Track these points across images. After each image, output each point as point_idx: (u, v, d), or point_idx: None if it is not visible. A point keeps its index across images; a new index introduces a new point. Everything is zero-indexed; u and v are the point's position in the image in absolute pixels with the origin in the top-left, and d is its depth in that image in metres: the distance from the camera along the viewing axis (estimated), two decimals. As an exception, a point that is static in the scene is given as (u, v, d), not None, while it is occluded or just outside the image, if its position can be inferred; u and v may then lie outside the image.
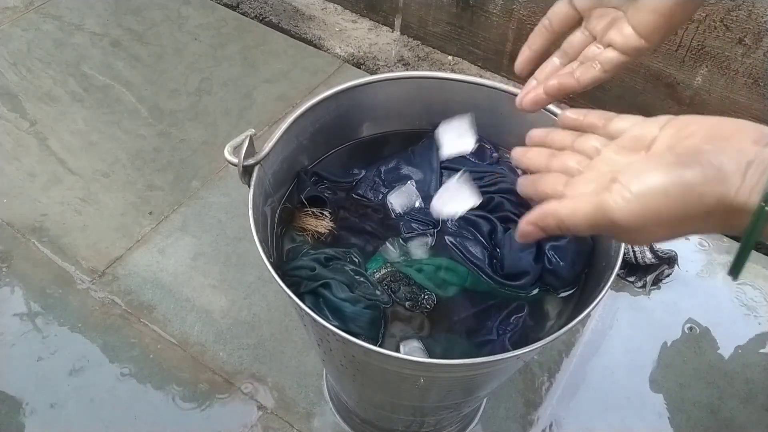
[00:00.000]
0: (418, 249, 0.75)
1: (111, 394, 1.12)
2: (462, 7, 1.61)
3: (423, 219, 0.76)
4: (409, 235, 0.76)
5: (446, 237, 0.75)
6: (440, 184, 0.79)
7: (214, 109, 1.60)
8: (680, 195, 0.35)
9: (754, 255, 1.37)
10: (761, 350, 1.24)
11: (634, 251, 1.29)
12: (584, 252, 0.73)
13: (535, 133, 0.51)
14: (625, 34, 0.49)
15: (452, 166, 0.81)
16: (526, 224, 0.43)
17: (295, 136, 0.75)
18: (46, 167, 1.46)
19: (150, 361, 1.16)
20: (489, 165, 0.81)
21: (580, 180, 0.43)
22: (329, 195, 0.78)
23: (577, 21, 0.53)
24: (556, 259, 0.71)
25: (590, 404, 1.15)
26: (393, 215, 0.77)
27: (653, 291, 1.30)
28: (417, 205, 0.77)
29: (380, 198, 0.78)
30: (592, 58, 0.52)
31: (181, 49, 1.74)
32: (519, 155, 0.51)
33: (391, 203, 0.77)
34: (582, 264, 0.72)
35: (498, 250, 0.73)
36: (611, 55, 0.50)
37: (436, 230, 0.76)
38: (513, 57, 1.62)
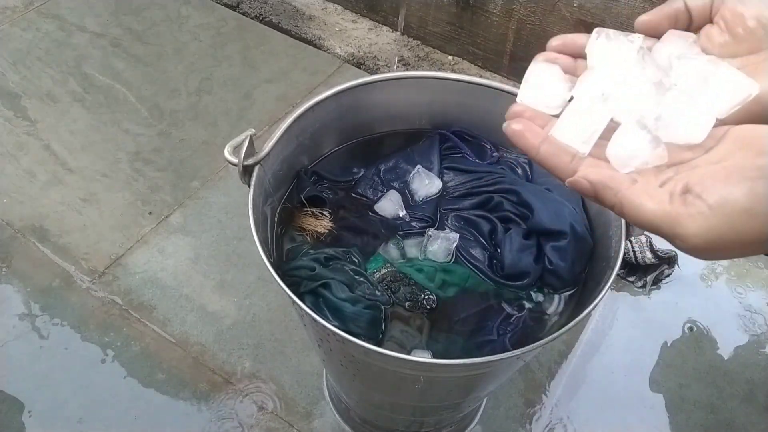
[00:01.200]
0: (417, 248, 0.75)
1: (111, 394, 1.12)
2: (462, 7, 1.61)
3: (422, 216, 0.76)
4: (408, 232, 0.76)
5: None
6: (442, 182, 0.79)
7: (214, 109, 1.60)
8: (766, 215, 0.31)
9: (754, 255, 1.37)
10: (761, 350, 1.24)
11: (634, 251, 1.29)
12: (584, 252, 0.73)
13: None
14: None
15: (454, 166, 0.81)
16: (584, 179, 0.38)
17: (295, 136, 0.75)
18: (46, 167, 1.46)
19: (150, 361, 1.16)
20: (489, 165, 0.81)
21: (637, 176, 0.38)
22: (329, 195, 0.78)
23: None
24: (556, 259, 0.71)
25: (590, 404, 1.15)
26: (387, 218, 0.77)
27: (653, 291, 1.30)
28: (401, 214, 0.77)
29: (379, 197, 0.78)
30: None
31: (181, 49, 1.74)
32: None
33: (379, 210, 0.78)
34: (582, 264, 0.72)
35: (498, 251, 0.73)
36: None
37: (434, 229, 0.76)
38: (513, 57, 1.63)
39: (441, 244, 0.72)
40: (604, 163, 0.39)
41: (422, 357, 0.67)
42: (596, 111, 0.40)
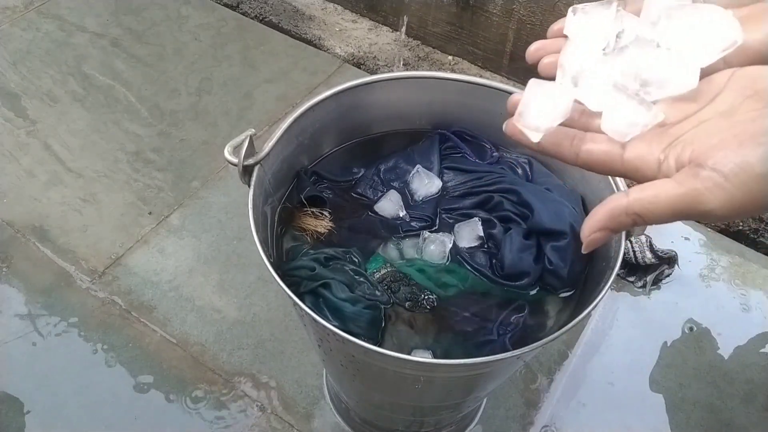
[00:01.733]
0: (416, 248, 0.75)
1: (111, 394, 1.12)
2: (462, 7, 1.61)
3: (421, 216, 0.77)
4: (408, 233, 0.76)
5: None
6: (441, 182, 0.79)
7: (214, 109, 1.60)
8: None
9: (754, 255, 1.37)
10: (761, 350, 1.24)
11: (634, 251, 1.29)
12: (584, 252, 0.72)
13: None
14: None
15: (454, 166, 0.81)
16: (593, 231, 0.37)
17: (295, 136, 0.75)
18: (46, 167, 1.46)
19: (150, 361, 1.16)
20: (489, 164, 0.81)
21: (643, 143, 0.37)
22: (329, 194, 0.78)
23: None
24: (556, 259, 0.71)
25: (590, 404, 1.15)
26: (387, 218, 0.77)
27: (653, 291, 1.30)
28: (401, 214, 0.77)
29: (379, 197, 0.78)
30: None
31: (181, 49, 1.74)
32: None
33: (379, 210, 0.78)
34: (582, 264, 0.72)
35: (498, 250, 0.73)
36: None
37: (434, 229, 0.76)
38: (513, 57, 1.63)
39: (437, 246, 0.73)
40: (602, 136, 0.39)
41: (422, 357, 0.67)
42: (556, 92, 0.40)
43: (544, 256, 0.71)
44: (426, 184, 0.78)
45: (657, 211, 0.34)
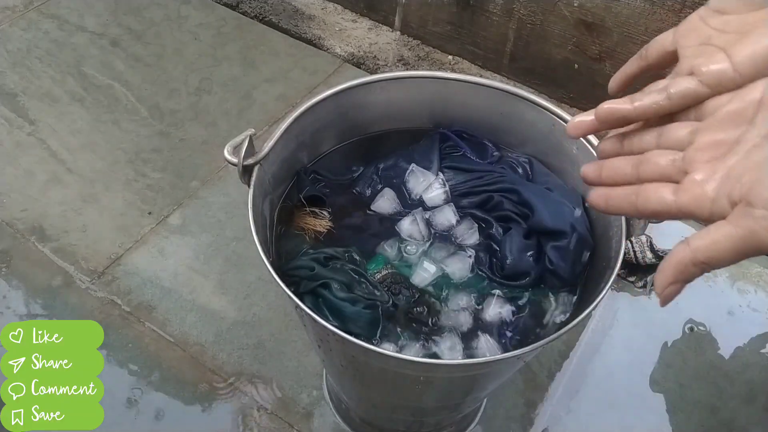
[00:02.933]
0: (416, 248, 0.75)
1: (110, 395, 1.12)
2: (462, 6, 1.61)
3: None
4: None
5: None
6: (442, 182, 0.79)
7: (214, 109, 1.60)
8: None
9: (755, 255, 1.37)
10: (761, 350, 1.24)
11: (634, 251, 1.29)
12: (585, 252, 0.72)
13: (607, 146, 0.45)
14: (715, 59, 0.41)
15: (454, 165, 0.81)
16: (666, 286, 0.39)
17: (295, 136, 0.75)
18: (46, 167, 1.46)
19: (150, 361, 1.16)
20: (489, 164, 0.81)
21: (693, 184, 0.38)
22: (328, 193, 0.78)
23: (672, 55, 0.47)
24: (556, 259, 0.71)
25: (590, 404, 1.15)
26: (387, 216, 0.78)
27: (653, 291, 1.30)
28: (399, 209, 0.77)
29: (376, 196, 0.78)
30: (662, 87, 0.43)
31: (181, 48, 1.74)
32: (594, 172, 0.45)
33: (376, 209, 0.78)
34: (582, 264, 0.72)
35: (498, 250, 0.73)
36: (685, 83, 0.41)
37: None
38: (513, 57, 1.63)
39: (459, 266, 0.72)
40: (652, 187, 0.41)
41: (421, 357, 0.67)
42: None
43: (544, 255, 0.71)
44: (422, 182, 0.78)
45: (721, 256, 0.36)
